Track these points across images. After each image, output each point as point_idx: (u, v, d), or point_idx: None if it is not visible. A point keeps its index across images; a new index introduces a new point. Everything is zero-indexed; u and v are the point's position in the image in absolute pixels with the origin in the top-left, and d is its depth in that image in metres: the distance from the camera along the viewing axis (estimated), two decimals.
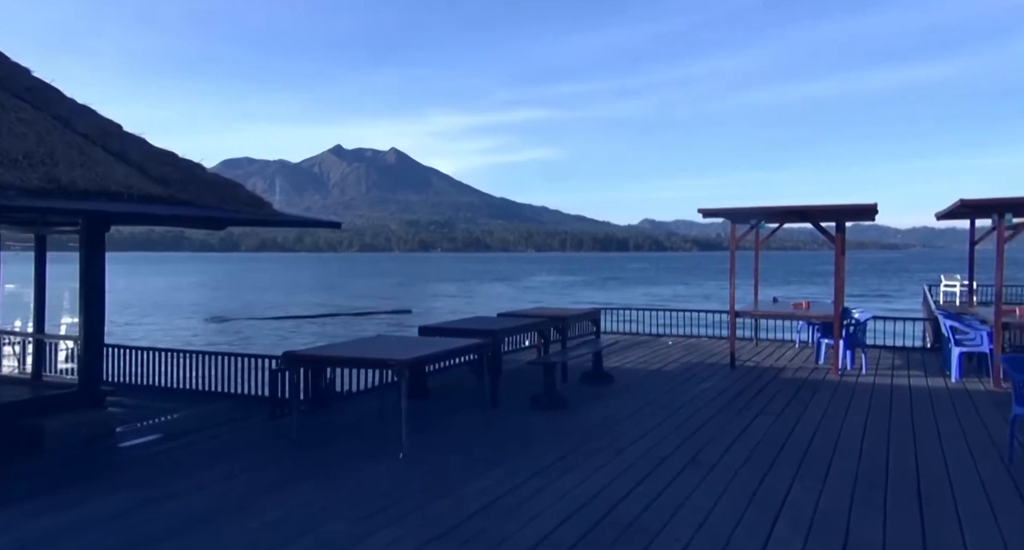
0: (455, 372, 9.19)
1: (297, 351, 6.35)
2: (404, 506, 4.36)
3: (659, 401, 7.59)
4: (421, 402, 7.48)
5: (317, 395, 6.97)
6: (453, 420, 6.74)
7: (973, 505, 4.33)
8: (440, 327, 8.26)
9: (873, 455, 5.48)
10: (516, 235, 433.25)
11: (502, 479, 4.88)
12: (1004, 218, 8.37)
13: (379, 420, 6.68)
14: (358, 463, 5.30)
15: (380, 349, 6.15)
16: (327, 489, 4.71)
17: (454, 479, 4.89)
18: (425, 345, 6.38)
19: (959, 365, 8.85)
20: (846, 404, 7.37)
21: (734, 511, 4.24)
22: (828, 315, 10.02)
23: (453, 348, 6.42)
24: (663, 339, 13.15)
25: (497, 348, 7.77)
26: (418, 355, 5.71)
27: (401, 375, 5.37)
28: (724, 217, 10.56)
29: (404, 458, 5.37)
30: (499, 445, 5.82)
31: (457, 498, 4.51)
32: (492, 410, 7.08)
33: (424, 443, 5.82)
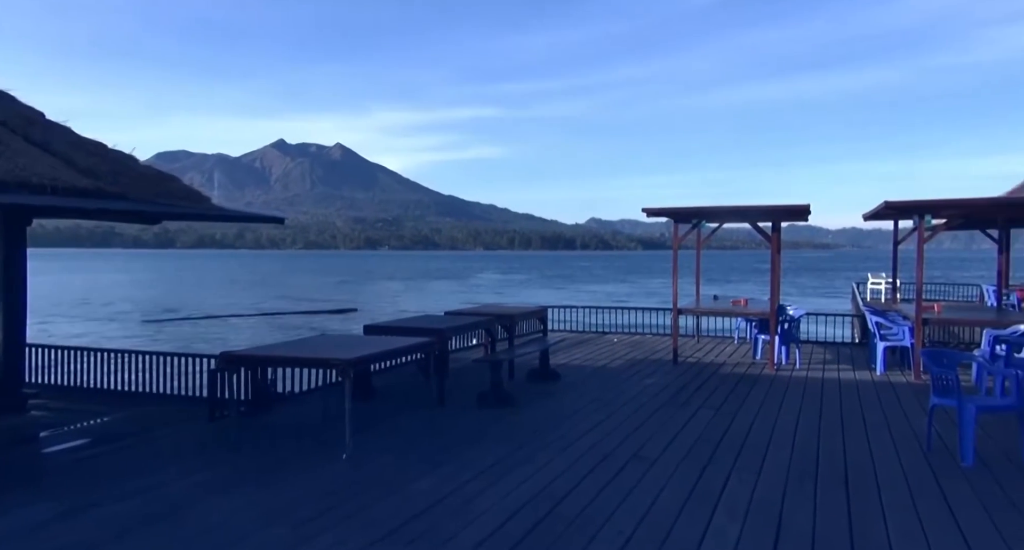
0: (401, 371, 9.09)
1: (235, 351, 6.14)
2: (347, 508, 4.28)
3: (604, 397, 7.71)
4: (366, 402, 7.37)
5: (257, 396, 6.77)
6: (399, 420, 6.66)
7: (895, 492, 4.57)
8: (386, 326, 8.15)
9: (805, 446, 5.71)
10: (465, 233, 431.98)
11: (448, 478, 4.86)
12: (924, 219, 8.87)
13: (322, 421, 6.54)
14: (300, 465, 5.17)
15: (323, 348, 6.02)
16: (267, 493, 4.58)
17: (399, 479, 4.84)
18: (370, 344, 6.28)
19: (883, 359, 9.34)
20: (781, 398, 7.66)
21: (675, 503, 4.35)
22: (764, 312, 10.39)
23: (399, 347, 6.34)
24: (609, 336, 13.37)
25: (444, 347, 7.73)
26: (362, 354, 5.62)
27: (345, 375, 5.28)
28: (667, 217, 10.81)
29: (348, 459, 5.28)
30: (445, 444, 5.79)
31: (402, 498, 4.46)
32: (438, 409, 7.04)
33: (369, 443, 5.73)
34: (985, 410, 5.47)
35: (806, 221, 11.09)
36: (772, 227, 10.67)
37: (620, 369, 9.71)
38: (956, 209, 9.34)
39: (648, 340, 12.82)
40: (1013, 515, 4.15)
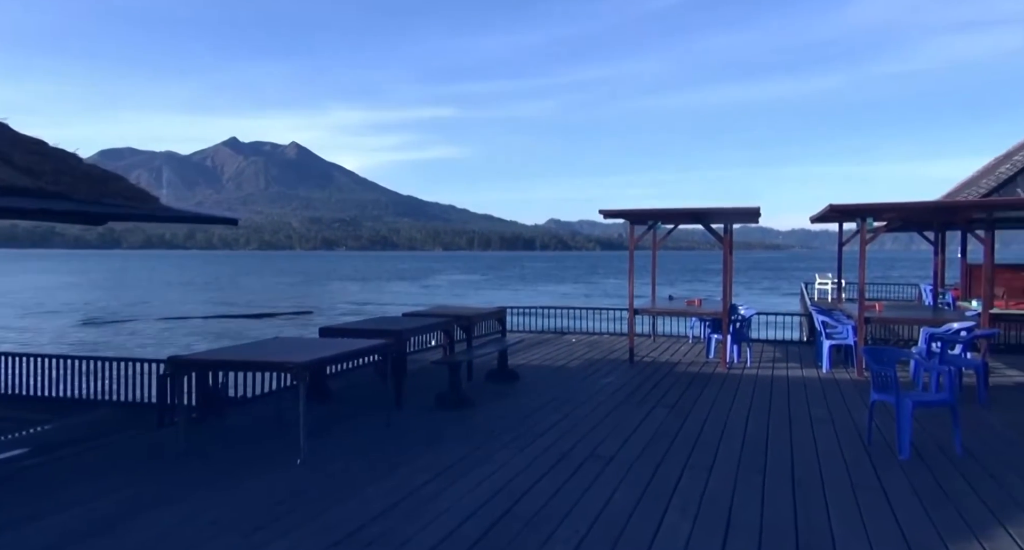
0: (359, 374, 8.99)
1: (184, 355, 5.97)
2: (301, 514, 4.22)
3: (562, 397, 7.78)
4: (322, 405, 7.27)
5: (209, 402, 6.59)
6: (356, 423, 6.59)
7: (838, 484, 4.76)
8: (342, 328, 8.04)
9: (754, 442, 5.89)
10: (424, 234, 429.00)
11: (405, 480, 4.83)
12: (866, 222, 9.25)
13: (276, 426, 6.42)
14: (252, 471, 5.06)
15: (277, 351, 5.91)
16: (217, 501, 4.47)
17: (355, 483, 4.79)
18: (326, 347, 6.20)
19: (829, 357, 9.69)
20: (732, 395, 7.87)
21: (629, 501, 4.43)
22: (717, 312, 10.66)
23: (355, 349, 6.27)
24: (567, 336, 13.50)
25: (401, 348, 7.68)
26: (317, 357, 5.53)
27: (299, 378, 5.19)
28: (623, 218, 10.98)
29: (302, 464, 5.19)
30: (403, 446, 5.76)
31: (358, 502, 4.42)
32: (396, 411, 6.99)
33: (324, 447, 5.66)
34: (921, 405, 5.74)
35: (757, 223, 11.42)
36: (724, 229, 10.97)
37: (578, 369, 9.81)
38: (895, 212, 9.76)
39: (606, 340, 12.99)
40: (945, 505, 4.37)
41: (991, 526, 4.01)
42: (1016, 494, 4.54)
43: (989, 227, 9.80)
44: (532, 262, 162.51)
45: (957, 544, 3.75)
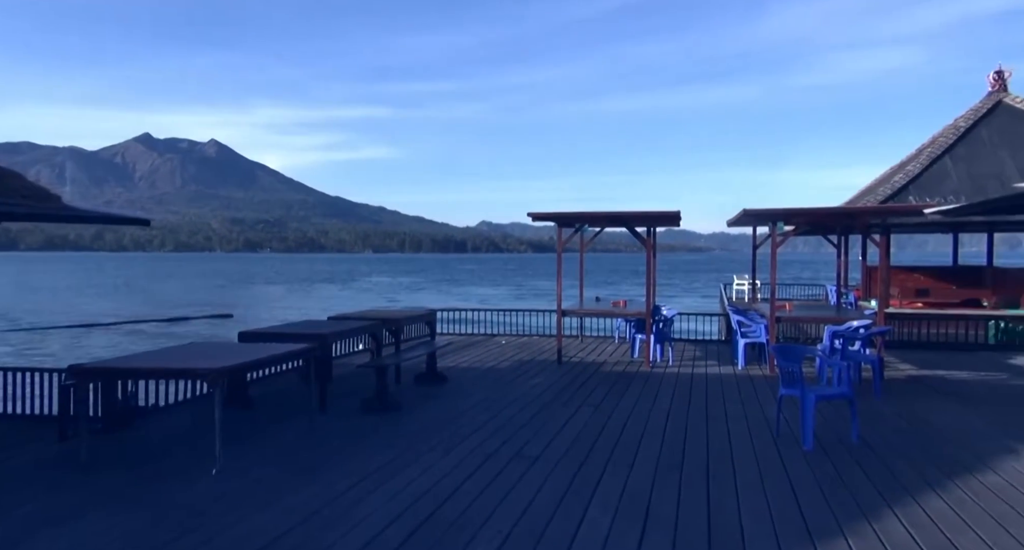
0: (282, 379, 8.73)
1: (87, 363, 5.63)
2: (214, 526, 4.06)
3: (490, 399, 7.83)
4: (242, 412, 7.01)
5: (115, 412, 6.23)
6: (277, 429, 6.40)
7: (748, 476, 5.03)
8: (263, 332, 7.79)
9: (673, 438, 6.13)
10: (353, 235, 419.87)
11: (327, 486, 4.74)
12: (777, 226, 9.80)
13: (191, 435, 6.14)
14: (162, 484, 4.83)
15: (191, 358, 5.66)
16: (122, 517, 4.23)
17: (274, 491, 4.66)
18: (244, 352, 5.98)
19: (744, 354, 10.19)
20: (654, 393, 8.15)
21: (553, 500, 4.52)
22: (641, 312, 11.00)
23: (276, 354, 6.09)
24: (497, 338, 13.57)
25: (326, 352, 7.52)
26: (235, 363, 5.34)
27: (215, 385, 5.00)
28: (551, 221, 11.17)
29: (218, 473, 5.00)
30: (326, 452, 5.64)
31: (276, 511, 4.29)
32: (320, 416, 6.83)
33: (243, 456, 5.46)
34: (823, 398, 6.14)
35: (679, 226, 11.87)
36: (648, 232, 11.34)
37: (507, 370, 9.89)
38: (802, 217, 10.39)
39: (535, 341, 13.15)
40: (842, 491, 4.69)
41: (881, 508, 4.34)
42: (903, 479, 4.93)
43: (885, 232, 10.58)
44: (463, 264, 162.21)
45: (851, 526, 4.04)
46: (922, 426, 6.55)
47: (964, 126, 15.19)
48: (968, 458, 5.44)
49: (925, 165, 14.65)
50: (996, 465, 5.26)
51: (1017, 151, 14.35)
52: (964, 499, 4.52)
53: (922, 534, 3.94)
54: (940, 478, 4.93)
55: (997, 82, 15.70)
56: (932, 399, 7.82)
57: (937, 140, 15.52)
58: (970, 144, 14.84)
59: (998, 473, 5.07)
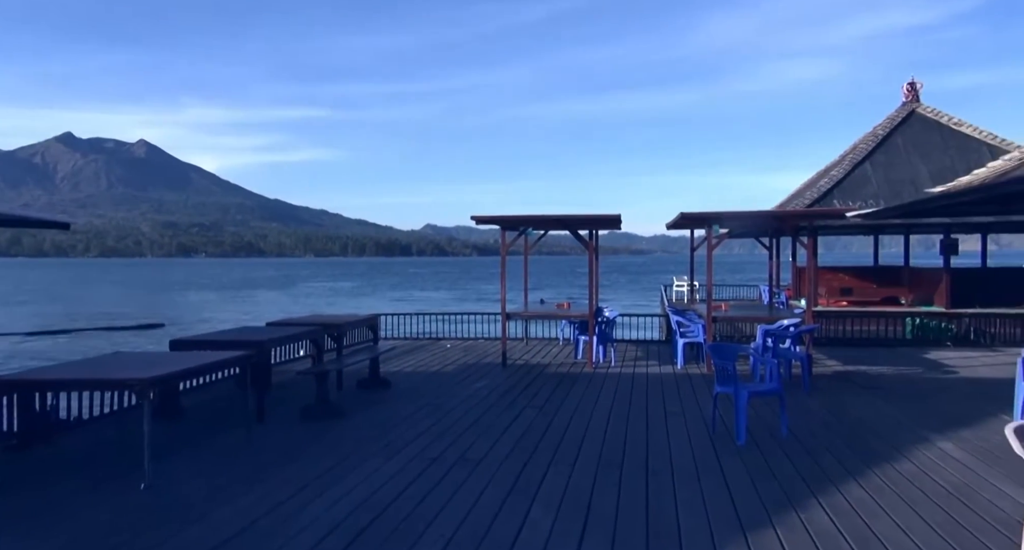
0: (218, 388, 8.44)
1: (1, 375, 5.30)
2: (141, 543, 3.89)
3: (435, 402, 7.80)
4: (174, 424, 6.74)
5: (33, 426, 5.88)
6: (212, 440, 6.18)
7: (685, 471, 5.19)
8: (197, 340, 7.53)
9: (614, 437, 6.26)
10: (293, 239, 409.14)
11: (264, 497, 4.62)
12: (712, 228, 10.15)
13: (118, 449, 5.86)
14: (84, 501, 4.59)
15: (117, 368, 5.41)
16: (35, 539, 3.99)
17: (207, 504, 4.50)
18: (176, 361, 5.76)
19: (683, 354, 10.50)
20: (597, 394, 8.29)
21: (495, 501, 4.55)
22: (584, 314, 11.18)
23: (209, 362, 5.89)
24: (443, 342, 13.52)
25: (264, 359, 7.32)
26: (165, 372, 5.14)
27: (143, 396, 4.79)
28: (495, 224, 11.22)
29: (147, 488, 4.79)
30: (263, 462, 5.49)
31: (210, 524, 4.16)
32: (258, 426, 6.64)
33: (174, 469, 5.26)
34: (755, 395, 6.40)
35: (620, 229, 12.14)
36: (590, 235, 11.54)
37: (452, 374, 9.87)
38: (736, 220, 10.81)
39: (480, 344, 13.16)
40: (772, 483, 4.91)
41: (807, 498, 4.56)
42: (828, 470, 5.20)
43: (812, 234, 11.12)
44: (408, 268, 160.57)
45: (780, 517, 4.23)
46: (846, 419, 6.92)
47: (882, 134, 16.13)
48: (886, 448, 5.78)
49: (848, 170, 15.48)
50: (910, 454, 5.61)
51: (929, 158, 15.34)
52: (882, 486, 4.80)
53: (843, 521, 4.16)
54: (861, 467, 5.23)
55: (910, 93, 16.75)
56: (855, 393, 8.26)
57: (858, 147, 16.42)
58: (887, 151, 15.77)
59: (912, 461, 5.41)
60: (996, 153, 13.56)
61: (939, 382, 9.04)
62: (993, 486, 4.76)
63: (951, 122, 16.00)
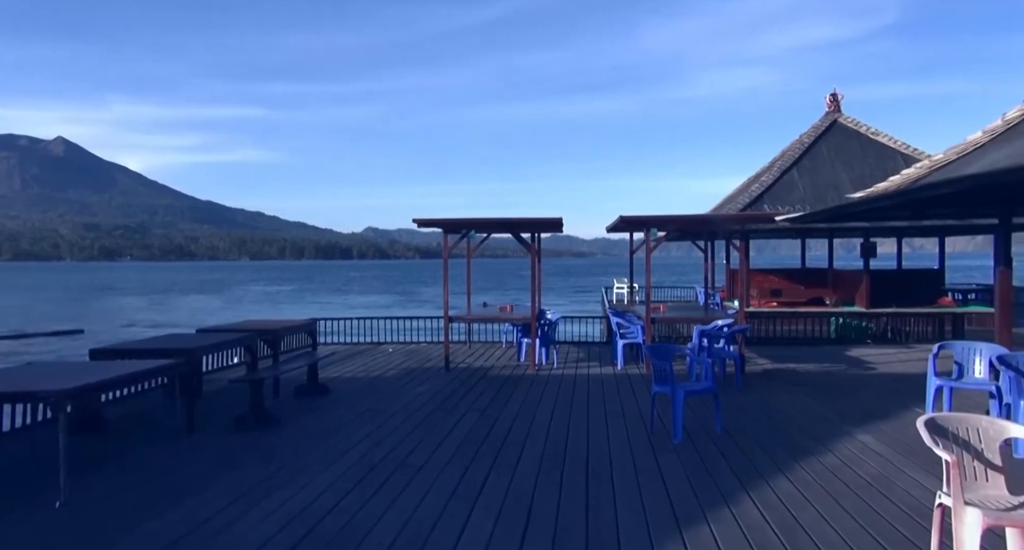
0: (145, 398, 8.04)
1: None
2: None
3: (375, 408, 7.66)
4: (95, 438, 6.37)
5: None
6: (137, 454, 5.87)
7: (624, 469, 5.29)
8: (120, 348, 7.14)
9: (556, 438, 6.31)
10: (227, 242, 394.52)
11: (193, 511, 4.42)
12: (650, 232, 10.40)
13: (31, 465, 5.50)
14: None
15: (30, 379, 5.07)
16: None
17: (131, 520, 4.27)
18: (96, 371, 5.45)
19: (623, 355, 10.70)
20: (539, 396, 8.35)
21: (437, 507, 4.50)
22: (527, 317, 11.23)
23: (135, 372, 5.60)
24: (384, 346, 13.31)
25: (194, 368, 7.02)
26: (83, 383, 4.85)
27: (58, 409, 4.51)
28: (437, 227, 11.14)
29: (63, 506, 4.50)
30: (193, 474, 5.25)
31: (131, 542, 3.94)
32: (187, 437, 6.36)
33: (95, 485, 4.97)
34: (691, 394, 6.59)
35: (562, 232, 12.27)
36: (532, 237, 11.61)
37: (393, 378, 9.73)
38: (673, 224, 11.11)
39: (423, 348, 13.03)
40: (706, 478, 5.06)
41: (739, 493, 4.73)
42: (759, 465, 5.40)
43: (744, 237, 11.54)
44: (349, 271, 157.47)
45: (713, 512, 4.37)
46: (775, 415, 7.21)
47: (807, 142, 16.94)
48: (811, 443, 6.05)
49: (777, 176, 16.17)
50: (834, 447, 5.90)
51: (850, 165, 16.21)
52: (808, 480, 5.02)
53: (772, 514, 4.33)
54: (788, 461, 5.45)
55: (832, 104, 17.66)
56: (784, 390, 8.62)
57: (786, 154, 17.19)
58: (813, 158, 16.57)
59: (835, 454, 5.68)
60: (909, 161, 14.45)
61: (860, 378, 9.54)
62: (908, 476, 5.06)
63: (869, 132, 16.97)
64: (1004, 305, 7.29)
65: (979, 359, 6.66)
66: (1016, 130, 5.71)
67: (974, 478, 3.40)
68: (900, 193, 6.38)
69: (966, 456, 3.41)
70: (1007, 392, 5.72)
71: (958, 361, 6.84)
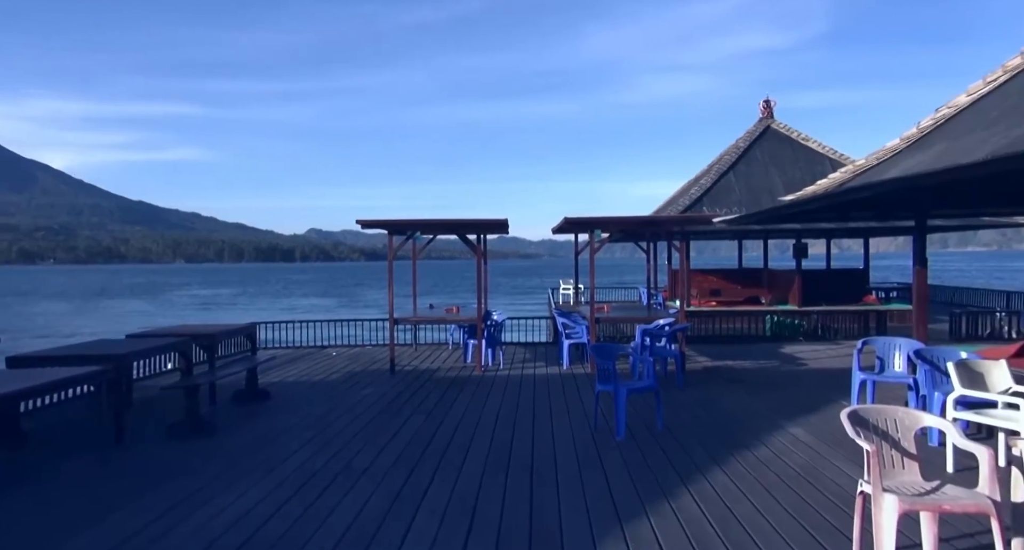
0: (71, 408, 7.60)
1: None
2: None
3: (318, 413, 7.51)
4: (14, 452, 5.99)
5: None
6: (60, 468, 5.57)
7: (568, 468, 5.36)
8: (40, 355, 6.75)
9: (501, 439, 6.33)
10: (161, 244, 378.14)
11: (121, 525, 4.22)
12: (594, 233, 10.57)
13: None
14: None
15: None
16: None
17: (53, 538, 4.05)
18: (12, 380, 5.14)
19: (568, 355, 10.83)
20: (485, 397, 8.36)
21: (380, 511, 4.45)
22: (473, 318, 11.22)
23: (57, 380, 5.31)
24: (327, 350, 13.05)
25: (124, 374, 6.70)
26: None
27: None
28: (382, 228, 11.00)
29: None
30: (122, 487, 5.02)
31: None
32: (116, 448, 6.08)
33: (11, 503, 4.69)
34: (633, 392, 6.73)
35: (508, 233, 12.32)
36: (478, 239, 11.61)
37: (337, 383, 9.55)
38: (616, 225, 11.32)
39: (368, 351, 12.84)
40: (647, 474, 5.19)
41: (678, 487, 4.87)
42: (698, 460, 5.57)
43: (684, 238, 11.89)
44: (291, 274, 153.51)
45: (653, 507, 4.48)
46: (714, 411, 7.45)
47: (743, 146, 17.58)
48: (747, 436, 6.29)
49: (715, 179, 16.72)
50: (767, 441, 6.14)
51: (782, 169, 16.92)
52: (743, 472, 5.21)
53: (709, 506, 4.48)
54: (725, 455, 5.65)
55: (766, 110, 18.40)
56: (722, 386, 8.91)
57: (723, 158, 17.79)
58: (748, 162, 17.21)
59: (769, 447, 5.92)
60: (836, 166, 15.19)
61: (793, 374, 9.96)
62: (835, 466, 5.32)
63: (800, 137, 17.75)
64: (921, 303, 7.76)
65: (899, 354, 7.07)
66: (929, 137, 6.09)
67: (892, 466, 3.61)
68: (826, 196, 6.71)
69: (884, 445, 3.62)
70: (923, 384, 6.10)
71: (880, 356, 7.25)
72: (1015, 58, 5.86)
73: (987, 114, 5.40)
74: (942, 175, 4.68)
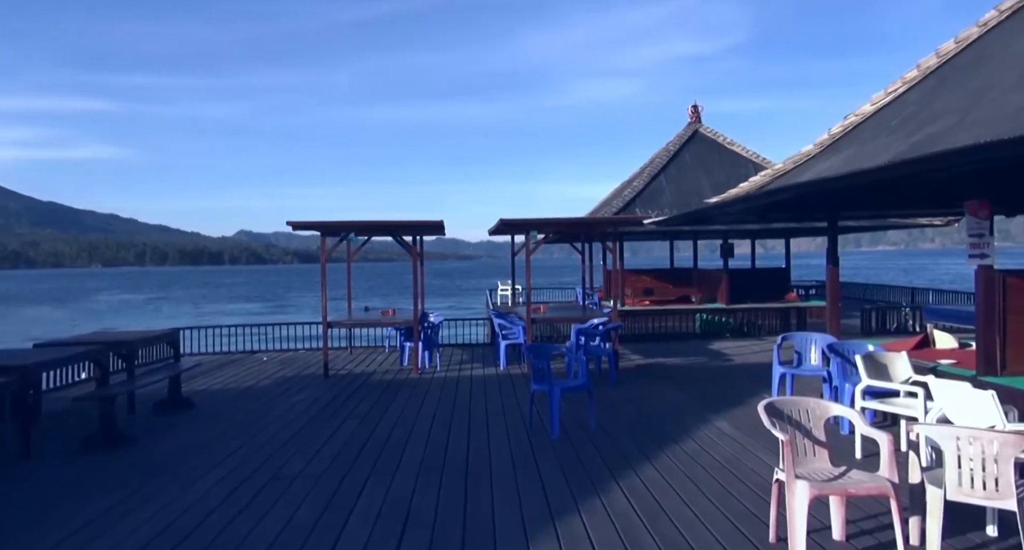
0: None
1: None
2: None
3: (246, 420, 7.27)
4: None
5: None
6: None
7: (502, 468, 5.40)
8: None
9: (437, 441, 6.32)
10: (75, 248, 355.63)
11: (29, 546, 3.97)
12: (530, 235, 10.68)
13: None
14: None
15: None
16: None
17: None
18: None
19: (505, 355, 10.89)
20: (421, 399, 8.30)
21: (311, 517, 4.36)
22: (409, 321, 11.12)
23: None
24: (258, 355, 12.64)
25: (29, 386, 6.28)
26: None
27: None
28: (314, 230, 10.75)
29: None
30: (32, 505, 4.72)
31: None
32: (24, 464, 5.70)
33: None
34: (567, 390, 6.85)
35: (444, 235, 12.27)
36: (414, 240, 11.51)
37: (268, 388, 9.27)
38: (551, 227, 11.48)
39: (300, 355, 12.51)
40: (579, 469, 5.30)
41: (609, 483, 4.99)
42: (628, 454, 5.72)
43: (617, 239, 12.17)
44: (219, 277, 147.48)
45: (585, 503, 4.58)
46: (645, 407, 7.66)
47: (673, 150, 18.16)
48: (676, 431, 6.51)
49: (646, 182, 17.19)
50: (695, 434, 6.38)
51: (710, 172, 17.57)
52: (671, 465, 5.40)
53: (637, 500, 4.62)
54: (654, 450, 5.83)
55: (694, 115, 19.07)
56: (654, 383, 9.18)
57: (655, 161, 18.31)
58: (678, 165, 17.79)
59: (695, 441, 6.15)
60: (758, 169, 15.90)
61: (720, 369, 10.37)
62: (756, 457, 5.59)
63: (725, 142, 18.49)
64: (833, 299, 8.24)
65: (814, 348, 7.48)
66: (840, 143, 6.49)
67: (804, 454, 3.83)
68: (747, 198, 7.03)
69: (797, 435, 3.84)
70: (836, 376, 6.48)
71: (798, 350, 7.65)
72: (911, 70, 6.32)
73: (888, 122, 5.80)
74: (849, 179, 5.00)
